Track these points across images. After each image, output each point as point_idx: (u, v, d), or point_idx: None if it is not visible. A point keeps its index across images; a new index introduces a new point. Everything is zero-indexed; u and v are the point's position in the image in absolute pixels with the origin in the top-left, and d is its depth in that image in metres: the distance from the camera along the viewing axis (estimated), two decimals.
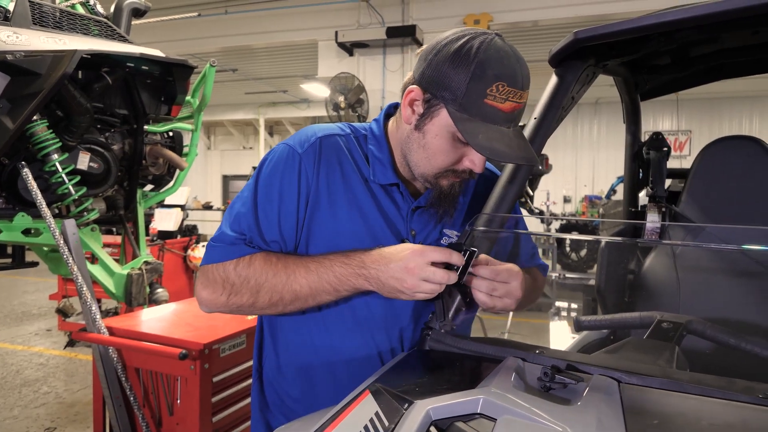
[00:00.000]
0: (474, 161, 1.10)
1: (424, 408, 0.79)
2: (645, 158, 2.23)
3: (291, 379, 1.27)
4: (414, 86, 1.09)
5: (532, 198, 8.78)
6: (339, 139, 1.21)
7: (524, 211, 8.69)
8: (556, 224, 11.68)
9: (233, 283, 1.11)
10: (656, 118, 15.22)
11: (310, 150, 1.16)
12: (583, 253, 10.58)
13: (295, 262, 1.11)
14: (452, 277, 1.02)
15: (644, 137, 2.28)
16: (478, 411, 0.79)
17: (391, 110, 1.27)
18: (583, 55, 1.38)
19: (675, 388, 0.85)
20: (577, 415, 0.74)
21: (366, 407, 0.84)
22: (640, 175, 2.30)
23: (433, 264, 1.02)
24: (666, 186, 2.19)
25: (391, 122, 1.25)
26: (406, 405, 0.81)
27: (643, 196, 2.31)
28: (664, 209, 2.06)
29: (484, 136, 1.00)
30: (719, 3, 1.11)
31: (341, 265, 1.08)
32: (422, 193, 1.23)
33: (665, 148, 2.19)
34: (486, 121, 1.01)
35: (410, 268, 1.01)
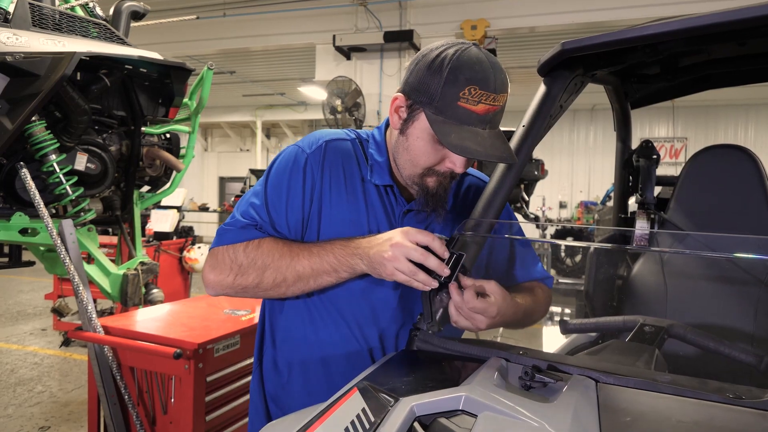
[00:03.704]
0: (454, 162, 1.16)
1: (408, 404, 0.82)
2: (635, 165, 2.27)
3: (286, 373, 1.33)
4: (399, 93, 1.18)
5: (527, 203, 8.82)
6: (343, 143, 1.30)
7: (520, 217, 8.75)
8: (551, 230, 11.72)
9: (241, 264, 1.18)
10: (652, 126, 15.30)
11: (317, 151, 1.26)
12: (578, 258, 10.62)
13: (299, 246, 1.19)
14: (431, 262, 1.06)
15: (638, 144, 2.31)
16: (460, 407, 0.82)
17: None
18: (571, 65, 1.41)
19: (650, 388, 0.88)
20: (554, 412, 0.77)
21: (353, 404, 0.87)
22: (630, 182, 2.34)
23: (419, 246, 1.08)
24: (656, 193, 2.23)
25: (389, 131, 1.32)
26: (392, 402, 0.84)
27: (632, 203, 2.34)
28: (652, 216, 2.10)
29: (456, 135, 1.07)
30: (700, 17, 1.15)
31: (341, 246, 1.15)
32: (415, 198, 1.29)
33: (654, 156, 2.22)
34: (461, 123, 1.08)
35: (394, 243, 1.08)
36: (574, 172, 16.13)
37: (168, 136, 3.70)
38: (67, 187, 2.86)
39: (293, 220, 1.24)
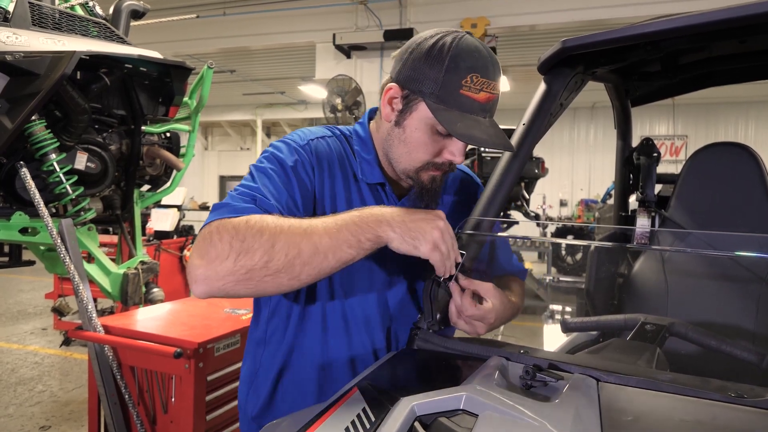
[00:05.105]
0: (453, 152, 1.13)
1: (408, 404, 0.81)
2: (635, 163, 2.27)
3: (292, 391, 1.26)
4: (392, 84, 1.13)
5: (528, 201, 8.82)
6: (328, 141, 1.23)
7: (520, 215, 8.75)
8: (551, 228, 11.72)
9: (244, 238, 0.95)
10: (653, 123, 15.30)
11: (307, 147, 1.18)
12: (578, 256, 10.62)
13: (311, 219, 1.03)
14: (452, 254, 1.05)
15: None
16: (461, 407, 0.82)
17: (373, 114, 1.31)
18: (572, 63, 1.41)
19: (651, 387, 0.88)
20: (555, 411, 0.77)
21: (353, 403, 0.86)
22: (631, 180, 2.33)
23: None
24: (657, 191, 2.22)
25: (373, 124, 1.28)
26: (392, 401, 0.84)
27: (633, 201, 2.34)
28: (653, 214, 2.10)
29: (462, 124, 1.05)
30: (701, 15, 1.14)
31: (359, 215, 1.02)
32: (406, 195, 1.26)
33: (655, 154, 2.22)
34: (463, 111, 1.06)
35: (438, 217, 1.05)
36: (575, 170, 16.13)
37: (168, 135, 3.70)
38: (67, 187, 2.86)
39: (298, 196, 1.11)
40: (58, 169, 2.81)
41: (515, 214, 9.01)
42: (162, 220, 6.06)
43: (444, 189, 1.34)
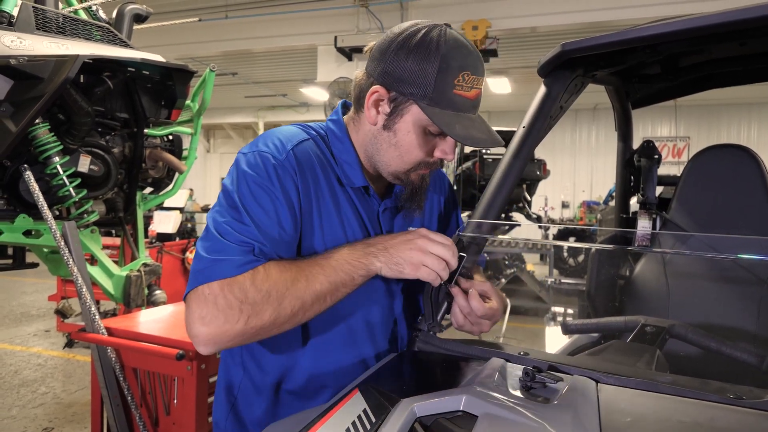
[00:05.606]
0: (445, 150, 1.12)
1: (409, 405, 0.82)
2: (636, 165, 2.27)
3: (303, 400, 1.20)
4: (377, 86, 1.08)
5: (529, 203, 8.82)
6: (307, 146, 1.15)
7: (522, 217, 8.74)
8: (553, 230, 11.71)
9: (254, 302, 0.97)
10: (655, 125, 15.29)
11: (287, 162, 1.09)
12: (581, 258, 10.60)
13: (306, 262, 1.05)
14: (439, 268, 1.05)
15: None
16: (461, 408, 0.83)
17: (345, 109, 1.26)
18: (572, 66, 1.42)
19: (650, 389, 0.88)
20: (554, 413, 0.78)
21: (354, 405, 0.87)
22: (632, 182, 2.34)
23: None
24: (658, 193, 2.23)
25: (347, 120, 1.22)
26: (393, 402, 0.85)
27: (634, 203, 2.35)
28: (654, 216, 2.10)
29: (460, 126, 1.03)
30: (701, 18, 1.15)
31: (349, 250, 1.07)
32: (387, 194, 1.24)
33: (656, 156, 2.22)
34: (457, 111, 1.05)
35: (419, 236, 1.06)
36: (577, 172, 16.12)
37: (170, 137, 3.71)
38: (71, 189, 2.87)
39: (286, 223, 1.06)
40: (61, 172, 2.83)
41: (517, 216, 9.02)
42: (164, 223, 6.07)
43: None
